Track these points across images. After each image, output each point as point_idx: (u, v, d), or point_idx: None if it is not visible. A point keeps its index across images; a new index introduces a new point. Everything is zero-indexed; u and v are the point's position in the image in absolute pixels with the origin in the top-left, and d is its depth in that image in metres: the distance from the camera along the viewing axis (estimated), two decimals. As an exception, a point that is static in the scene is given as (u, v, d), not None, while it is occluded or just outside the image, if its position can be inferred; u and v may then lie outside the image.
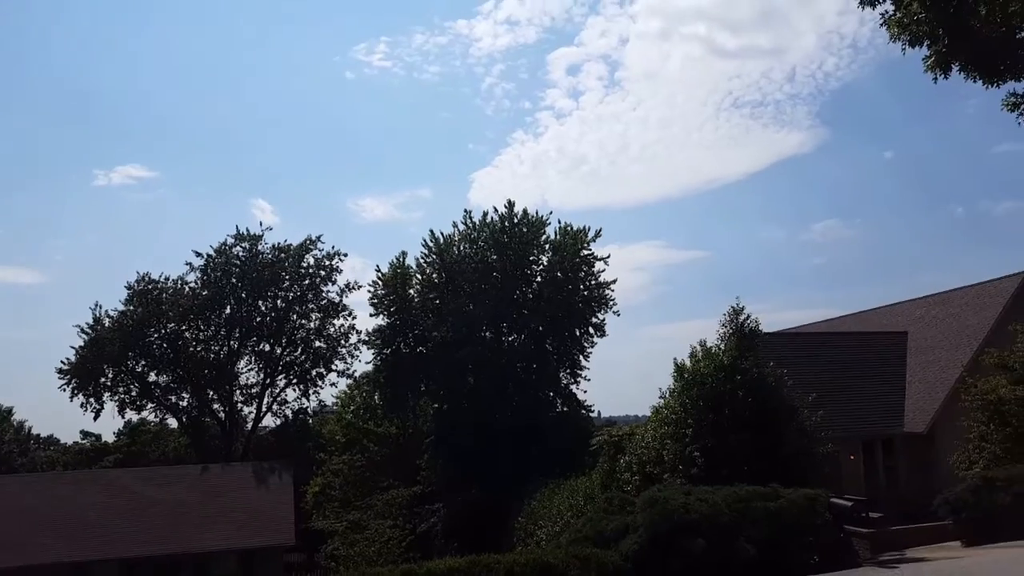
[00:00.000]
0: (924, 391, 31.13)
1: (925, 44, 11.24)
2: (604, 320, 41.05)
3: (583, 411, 42.09)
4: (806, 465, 20.22)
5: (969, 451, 23.50)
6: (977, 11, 10.56)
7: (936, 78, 11.30)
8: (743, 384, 20.63)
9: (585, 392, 41.88)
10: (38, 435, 77.29)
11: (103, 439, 69.23)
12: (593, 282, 40.80)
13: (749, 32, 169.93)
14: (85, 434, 71.20)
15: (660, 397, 23.57)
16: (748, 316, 22.61)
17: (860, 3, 11.76)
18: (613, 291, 41.19)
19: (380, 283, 41.66)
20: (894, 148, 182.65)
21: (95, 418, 49.02)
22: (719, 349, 21.97)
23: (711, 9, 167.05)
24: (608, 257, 41.19)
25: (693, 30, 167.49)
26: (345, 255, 51.53)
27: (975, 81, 11.62)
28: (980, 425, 23.35)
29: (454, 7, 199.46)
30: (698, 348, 22.39)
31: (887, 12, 11.56)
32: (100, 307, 48.84)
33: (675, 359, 22.70)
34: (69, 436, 78.75)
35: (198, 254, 49.61)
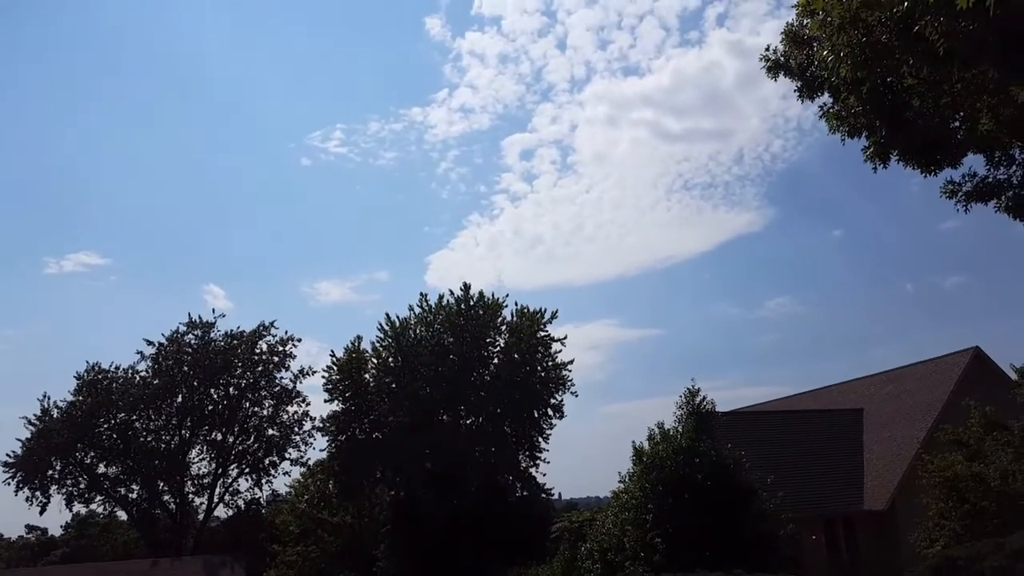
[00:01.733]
0: (882, 468, 31.27)
1: (863, 135, 11.62)
2: (562, 401, 40.83)
3: (543, 495, 41.32)
4: (768, 548, 19.96)
5: (930, 528, 23.48)
6: (911, 103, 10.98)
7: (876, 168, 11.64)
8: (702, 467, 20.49)
9: (544, 475, 41.35)
10: (-20, 529, 74.43)
11: (49, 533, 67.02)
12: (550, 363, 40.66)
13: (694, 116, 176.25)
14: (30, 528, 68.97)
15: (620, 481, 23.34)
16: (704, 397, 22.68)
17: (799, 96, 12.18)
18: (570, 371, 41.13)
19: (335, 368, 41.01)
20: (843, 226, 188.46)
21: (41, 512, 47.00)
22: (676, 431, 21.89)
23: (656, 95, 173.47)
24: (565, 338, 41.29)
25: (640, 115, 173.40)
26: (299, 340, 50.95)
27: (913, 169, 12.00)
28: (939, 502, 23.41)
29: (409, 95, 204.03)
30: (656, 430, 22.29)
31: (825, 104, 11.97)
32: (48, 398, 47.56)
33: (633, 442, 22.58)
34: (13, 531, 75.78)
35: (149, 342, 48.68)
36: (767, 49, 12.34)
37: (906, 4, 8.39)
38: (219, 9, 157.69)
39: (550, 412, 40.49)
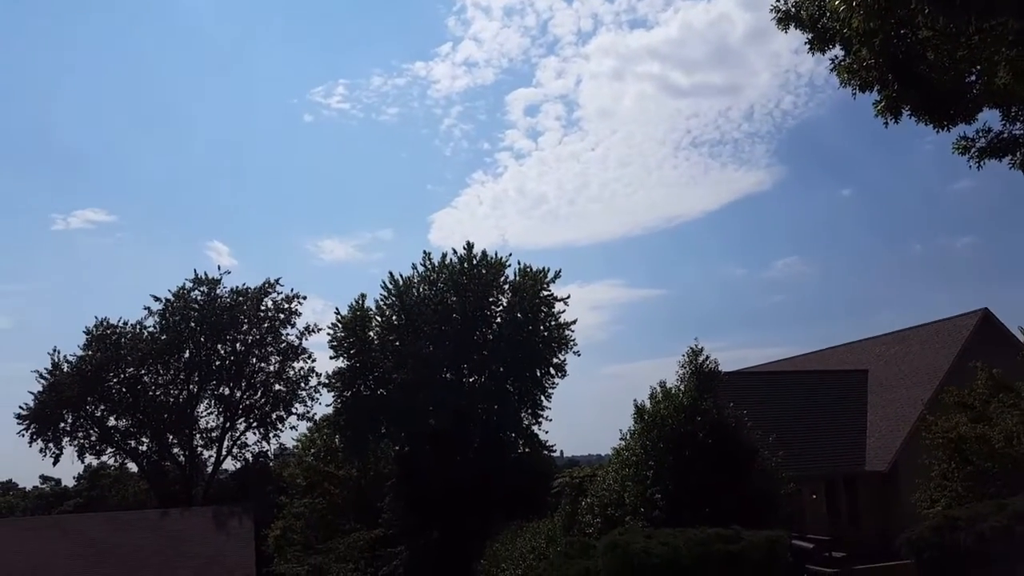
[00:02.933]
0: (885, 429, 31.29)
1: (875, 89, 11.29)
2: (565, 360, 40.93)
3: (545, 452, 41.70)
4: (768, 506, 20.05)
5: (931, 490, 23.54)
6: (926, 56, 10.65)
7: (887, 123, 11.34)
8: (703, 425, 20.49)
9: (547, 432, 41.58)
10: (-3, 480, 76.18)
11: (63, 484, 68.43)
12: (553, 323, 40.68)
13: (703, 70, 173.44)
14: (45, 479, 70.47)
15: (621, 439, 23.40)
16: (707, 356, 22.56)
17: (810, 48, 11.82)
18: (573, 331, 41.15)
19: (340, 326, 41.14)
20: (852, 185, 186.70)
21: (54, 463, 48.08)
22: (679, 390, 21.85)
23: (663, 48, 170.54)
24: (568, 298, 41.26)
25: (646, 69, 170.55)
26: (304, 298, 51.07)
27: (926, 125, 11.69)
28: (942, 463, 23.43)
29: (412, 50, 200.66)
30: (658, 389, 22.26)
31: (837, 57, 11.63)
32: (58, 352, 48.04)
33: (635, 400, 22.56)
34: (29, 481, 77.68)
35: (156, 299, 49.03)
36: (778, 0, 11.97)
37: (923, -51, 8.05)
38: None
39: (552, 371, 40.63)
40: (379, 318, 41.33)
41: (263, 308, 50.13)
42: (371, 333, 41.32)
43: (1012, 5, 8.35)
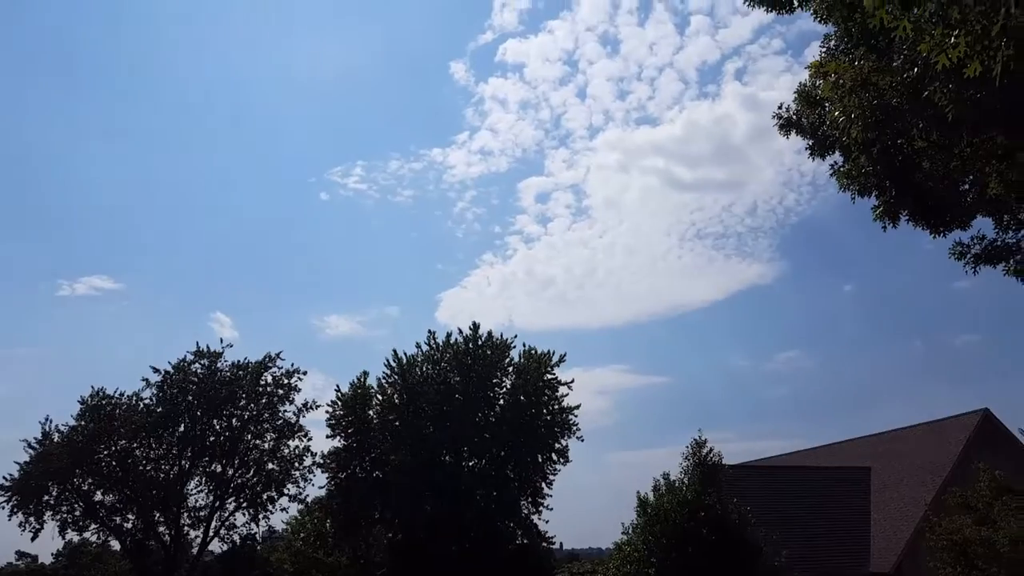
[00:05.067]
0: (889, 529, 30.77)
1: (874, 194, 11.68)
2: (567, 446, 40.43)
3: (544, 544, 40.66)
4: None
5: (936, 594, 22.99)
6: (921, 165, 11.05)
7: (885, 227, 11.68)
8: (707, 521, 20.23)
9: (547, 523, 40.57)
10: (-32, 554, 73.72)
11: (39, 560, 66.31)
12: (556, 406, 40.39)
13: (705, 166, 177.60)
14: (21, 554, 67.92)
15: (623, 532, 22.98)
16: (711, 449, 22.45)
17: (811, 154, 12.28)
18: (576, 416, 40.79)
19: (339, 403, 40.87)
20: (854, 281, 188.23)
21: (33, 538, 46.08)
22: (682, 483, 21.65)
23: (668, 144, 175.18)
24: (572, 382, 41.04)
25: (651, 163, 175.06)
26: (305, 373, 50.55)
27: (923, 230, 12.03)
28: (947, 567, 22.95)
29: (430, 137, 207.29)
30: (661, 481, 22.05)
31: (836, 163, 12.06)
32: (51, 421, 47.22)
33: (638, 493, 22.32)
34: (3, 556, 75.14)
35: (156, 370, 48.51)
36: (780, 107, 12.50)
37: (916, 70, 8.52)
38: (246, 45, 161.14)
39: (555, 456, 40.09)
40: (380, 396, 41.05)
41: (262, 383, 49.54)
42: (371, 412, 40.96)
43: (1000, 121, 8.75)
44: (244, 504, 49.30)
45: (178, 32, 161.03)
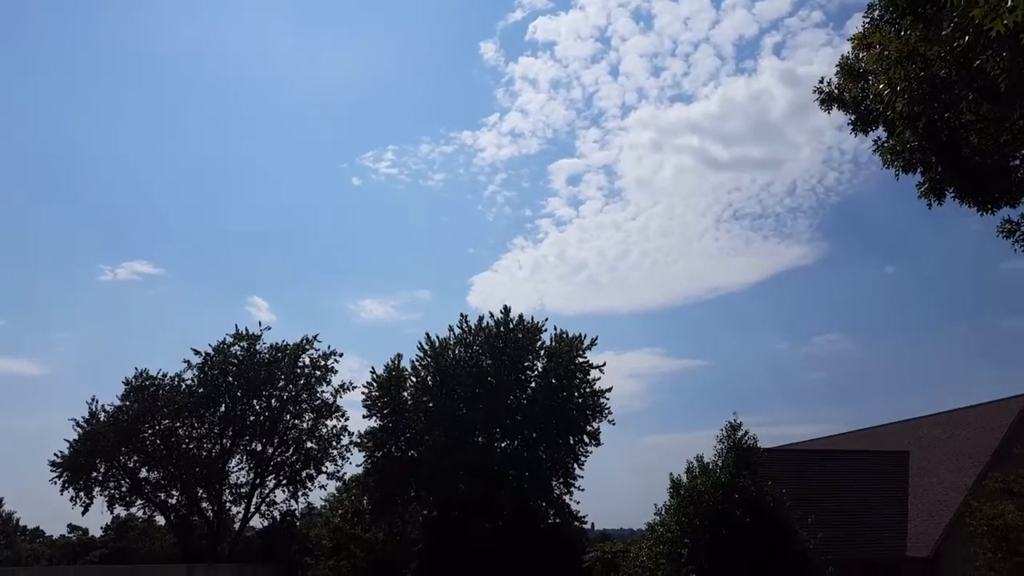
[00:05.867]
0: (927, 514, 30.37)
1: (919, 171, 11.40)
2: (599, 429, 40.46)
3: (576, 523, 40.84)
4: (807, 591, 19.50)
5: (976, 580, 22.69)
6: (969, 140, 10.76)
7: (930, 204, 11.41)
8: (741, 503, 20.12)
9: (579, 503, 40.78)
10: (25, 527, 76.65)
11: (89, 533, 68.49)
12: (588, 390, 40.40)
13: (742, 144, 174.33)
14: (72, 528, 70.72)
15: (655, 513, 22.97)
16: (746, 432, 22.29)
17: (853, 129, 12.03)
18: (608, 399, 40.77)
19: (375, 385, 41.32)
20: (897, 263, 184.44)
21: (83, 512, 48.21)
22: (716, 465, 21.54)
23: (703, 122, 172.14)
24: (603, 365, 40.97)
25: (685, 142, 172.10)
26: (341, 355, 51.42)
27: (970, 207, 11.73)
28: (987, 552, 22.60)
29: (460, 119, 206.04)
30: (695, 464, 21.96)
31: (880, 139, 11.79)
32: (96, 401, 48.88)
33: (671, 474, 22.26)
34: (56, 529, 77.63)
35: (197, 352, 49.68)
36: (821, 81, 12.23)
37: (967, 39, 8.25)
38: (279, 33, 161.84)
39: (586, 439, 40.17)
40: (414, 379, 41.45)
41: (300, 364, 50.56)
42: (405, 393, 41.38)
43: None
44: (284, 481, 50.49)
45: (214, 20, 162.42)
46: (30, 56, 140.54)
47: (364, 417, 41.64)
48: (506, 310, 40.92)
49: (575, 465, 40.02)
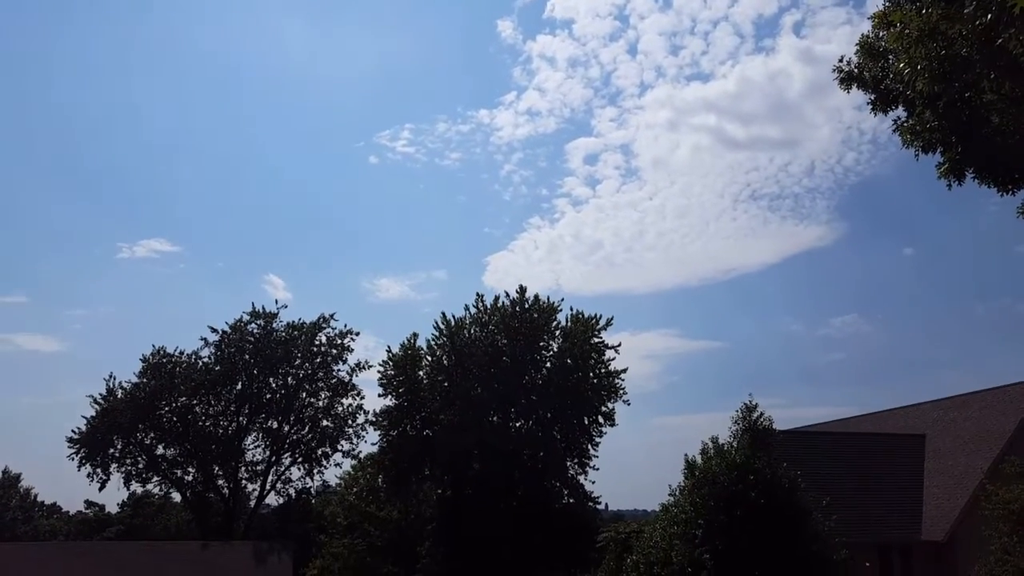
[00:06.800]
0: (943, 497, 30.27)
1: (939, 151, 11.26)
2: (613, 409, 40.45)
3: (590, 503, 40.99)
4: (820, 572, 19.48)
5: (991, 563, 22.64)
6: (990, 120, 10.61)
7: (950, 185, 11.28)
8: (755, 485, 20.07)
9: (593, 483, 40.86)
10: (43, 503, 77.76)
11: (106, 510, 69.49)
12: (603, 370, 40.38)
13: (760, 123, 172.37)
14: (89, 504, 71.64)
15: (670, 494, 22.99)
16: (761, 413, 22.21)
17: (872, 109, 11.88)
18: (623, 380, 40.72)
19: (390, 363, 41.46)
20: (915, 244, 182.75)
21: (100, 489, 48.78)
22: (731, 447, 21.50)
23: (721, 101, 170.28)
24: (619, 346, 40.86)
25: (702, 121, 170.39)
26: (357, 334, 51.59)
27: (989, 188, 11.59)
28: (1003, 536, 22.55)
29: (477, 98, 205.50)
30: (710, 445, 21.93)
31: (899, 118, 11.64)
32: (114, 378, 49.25)
33: (686, 455, 22.25)
34: (73, 505, 78.84)
35: (214, 330, 49.92)
36: (841, 60, 12.08)
37: (989, 16, 8.11)
38: (292, 11, 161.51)
39: (600, 419, 40.21)
40: (429, 358, 41.54)
41: (317, 343, 50.76)
42: (420, 372, 41.50)
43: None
44: (299, 459, 50.88)
45: (228, 2, 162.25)
46: (51, 38, 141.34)
47: (380, 396, 41.82)
48: (522, 290, 40.88)
49: (589, 446, 40.10)
